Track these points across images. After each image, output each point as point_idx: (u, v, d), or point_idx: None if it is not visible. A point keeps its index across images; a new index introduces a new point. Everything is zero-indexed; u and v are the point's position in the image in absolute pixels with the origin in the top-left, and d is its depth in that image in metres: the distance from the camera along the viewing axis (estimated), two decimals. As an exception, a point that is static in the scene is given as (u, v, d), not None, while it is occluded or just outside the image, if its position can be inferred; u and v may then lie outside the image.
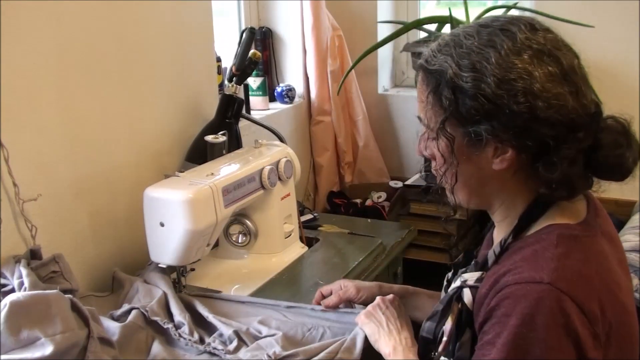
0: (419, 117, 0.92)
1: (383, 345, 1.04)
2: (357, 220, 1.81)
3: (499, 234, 0.94)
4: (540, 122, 0.81)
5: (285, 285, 1.37)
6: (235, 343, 1.09)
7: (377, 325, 1.07)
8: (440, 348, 0.92)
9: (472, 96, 0.82)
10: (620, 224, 2.13)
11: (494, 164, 0.85)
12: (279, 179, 1.47)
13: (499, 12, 2.22)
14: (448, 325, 0.91)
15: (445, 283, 1.04)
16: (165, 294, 1.22)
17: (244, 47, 1.61)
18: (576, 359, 0.76)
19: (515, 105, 0.80)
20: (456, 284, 0.93)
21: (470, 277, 0.91)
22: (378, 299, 1.12)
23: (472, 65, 0.82)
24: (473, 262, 0.96)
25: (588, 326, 0.77)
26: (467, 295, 0.89)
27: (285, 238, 1.51)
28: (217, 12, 1.84)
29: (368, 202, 2.37)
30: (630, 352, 0.86)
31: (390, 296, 1.13)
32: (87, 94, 1.33)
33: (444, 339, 0.91)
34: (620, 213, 2.25)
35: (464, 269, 0.97)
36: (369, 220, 1.79)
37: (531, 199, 0.87)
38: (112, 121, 1.40)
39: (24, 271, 1.11)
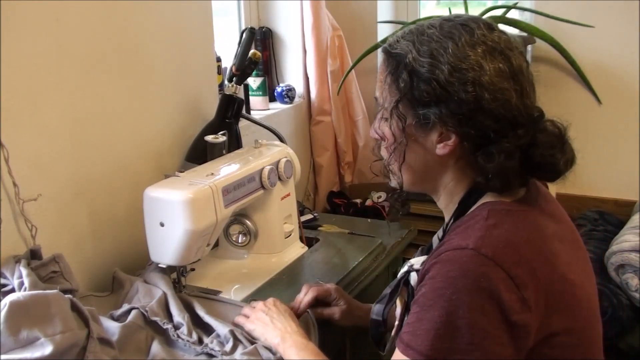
0: (375, 98, 0.98)
1: (271, 337, 1.09)
2: (357, 220, 1.81)
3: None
4: (484, 113, 0.86)
5: (285, 285, 1.37)
6: (231, 343, 1.09)
7: (262, 325, 1.13)
8: (393, 332, 0.97)
9: (427, 80, 0.88)
10: (620, 224, 2.13)
11: (438, 149, 0.91)
12: (279, 179, 1.47)
13: (498, 12, 2.23)
14: (398, 309, 0.97)
15: None
16: (165, 294, 1.22)
17: (244, 47, 1.61)
18: (501, 321, 0.79)
19: (464, 93, 0.86)
20: (404, 269, 0.98)
21: (416, 261, 0.95)
22: (260, 303, 1.19)
23: (430, 52, 0.88)
24: (419, 249, 1.02)
25: (515, 290, 0.79)
26: (413, 278, 0.94)
27: (285, 238, 1.52)
28: (217, 12, 1.84)
29: (368, 202, 2.37)
30: (582, 321, 0.89)
31: (271, 299, 1.19)
32: (87, 94, 1.33)
33: (396, 322, 0.97)
34: (620, 213, 2.26)
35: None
36: (369, 220, 1.79)
37: (470, 186, 0.93)
38: (112, 121, 1.40)
39: (24, 271, 1.11)
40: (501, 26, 2.37)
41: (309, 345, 1.06)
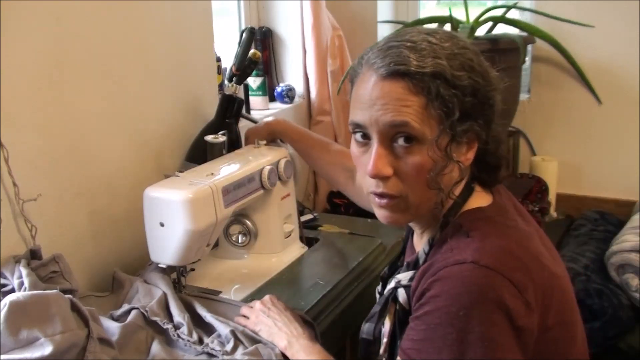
0: (357, 123, 0.89)
1: (277, 341, 1.10)
2: (357, 220, 1.81)
3: (422, 238, 0.98)
4: (495, 114, 0.90)
5: (285, 285, 1.37)
6: (231, 343, 1.09)
7: (267, 328, 1.13)
8: (382, 350, 0.95)
9: (471, 93, 0.85)
10: (620, 224, 2.13)
11: (466, 160, 0.89)
12: (279, 179, 1.47)
13: (498, 12, 2.23)
14: (387, 327, 0.95)
15: (377, 296, 1.08)
16: (165, 294, 1.22)
17: (244, 47, 1.61)
18: (510, 329, 0.79)
19: (493, 99, 0.88)
20: (391, 285, 0.96)
21: (404, 277, 0.94)
22: (258, 303, 1.19)
23: (461, 65, 0.85)
24: (405, 264, 0.99)
25: (518, 295, 0.79)
26: (401, 294, 0.92)
27: (285, 238, 1.51)
28: (217, 12, 1.83)
29: (368, 202, 2.36)
30: (569, 313, 0.90)
31: (268, 297, 1.20)
32: (87, 93, 1.33)
33: (384, 340, 0.95)
34: (620, 213, 2.26)
35: (397, 272, 1.00)
36: (369, 220, 1.79)
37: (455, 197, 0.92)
38: (112, 121, 1.40)
39: (24, 271, 1.11)
40: (501, 26, 2.36)
41: (315, 348, 1.06)
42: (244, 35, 1.62)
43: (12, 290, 1.10)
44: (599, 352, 1.75)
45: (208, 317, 1.17)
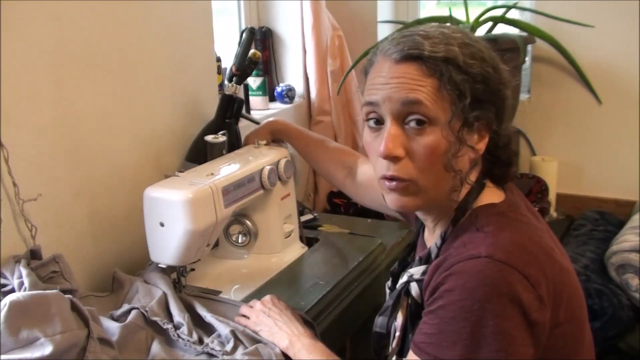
0: (371, 102, 0.90)
1: (278, 341, 1.10)
2: (357, 220, 1.81)
3: (434, 232, 0.99)
4: (508, 108, 0.92)
5: (285, 285, 1.37)
6: (231, 343, 1.09)
7: (268, 328, 1.13)
8: (394, 344, 0.96)
9: (482, 81, 0.87)
10: (620, 224, 2.13)
11: (477, 150, 0.91)
12: (279, 179, 1.47)
13: (498, 12, 2.23)
14: (399, 320, 0.96)
15: (387, 290, 1.08)
16: (165, 294, 1.22)
17: (244, 47, 1.61)
18: (524, 323, 0.79)
19: (503, 91, 0.90)
20: (403, 279, 0.97)
21: (416, 271, 0.95)
22: (259, 303, 1.19)
23: (472, 54, 0.87)
24: (417, 258, 0.99)
25: (532, 290, 0.80)
26: (414, 288, 0.93)
27: (285, 238, 1.51)
28: (217, 12, 1.84)
29: (368, 202, 2.36)
30: (579, 309, 0.91)
31: (268, 297, 1.21)
32: (87, 93, 1.33)
33: (397, 333, 0.96)
34: (620, 213, 2.26)
35: (409, 266, 1.01)
36: (369, 220, 1.79)
37: (467, 189, 0.93)
38: (112, 121, 1.40)
39: (24, 271, 1.11)
40: (501, 26, 2.36)
41: (317, 346, 1.06)
42: (244, 35, 1.62)
43: (12, 290, 1.10)
44: (599, 352, 1.74)
45: (208, 317, 1.17)
